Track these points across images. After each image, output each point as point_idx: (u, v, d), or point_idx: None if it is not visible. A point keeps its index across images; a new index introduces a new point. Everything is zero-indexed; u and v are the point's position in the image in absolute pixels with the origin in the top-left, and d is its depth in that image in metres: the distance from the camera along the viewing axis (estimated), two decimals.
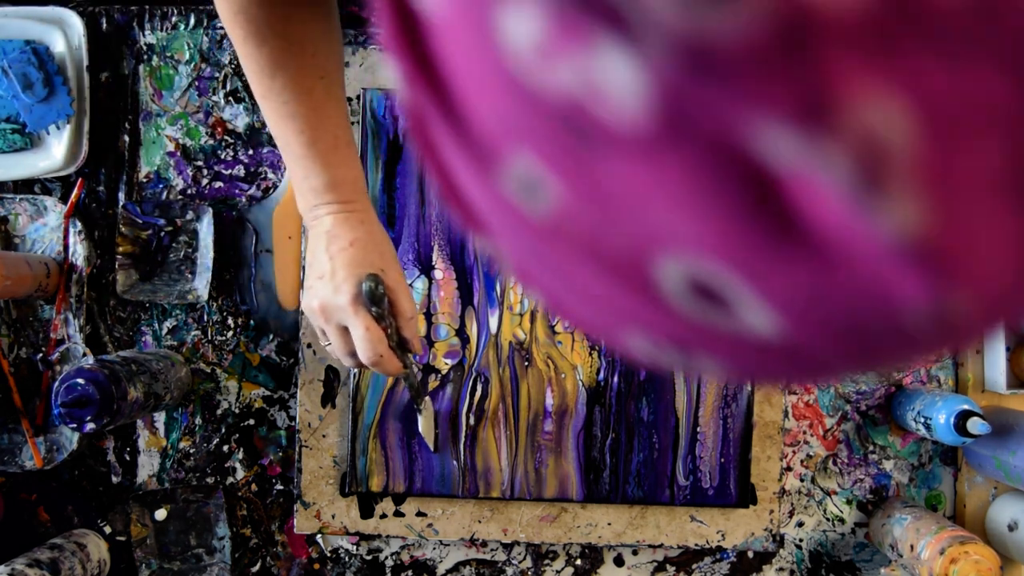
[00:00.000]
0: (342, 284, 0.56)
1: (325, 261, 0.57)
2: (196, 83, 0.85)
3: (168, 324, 0.85)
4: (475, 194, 0.17)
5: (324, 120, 0.56)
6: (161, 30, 0.85)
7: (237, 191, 0.85)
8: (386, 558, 0.84)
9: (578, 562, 0.84)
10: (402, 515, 0.82)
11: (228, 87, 0.85)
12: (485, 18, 0.13)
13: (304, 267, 0.82)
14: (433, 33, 0.15)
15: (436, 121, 0.16)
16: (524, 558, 0.84)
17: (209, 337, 0.85)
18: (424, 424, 0.79)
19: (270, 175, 0.85)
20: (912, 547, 0.74)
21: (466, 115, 0.15)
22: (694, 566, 0.84)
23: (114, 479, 0.84)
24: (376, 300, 0.55)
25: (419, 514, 0.82)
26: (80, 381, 0.68)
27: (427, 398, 0.80)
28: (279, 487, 0.85)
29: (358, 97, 0.82)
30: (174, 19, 0.85)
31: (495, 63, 0.14)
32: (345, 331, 0.58)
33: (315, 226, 0.59)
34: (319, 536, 0.84)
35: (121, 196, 0.85)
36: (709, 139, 0.12)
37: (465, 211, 0.19)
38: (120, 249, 0.82)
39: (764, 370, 0.18)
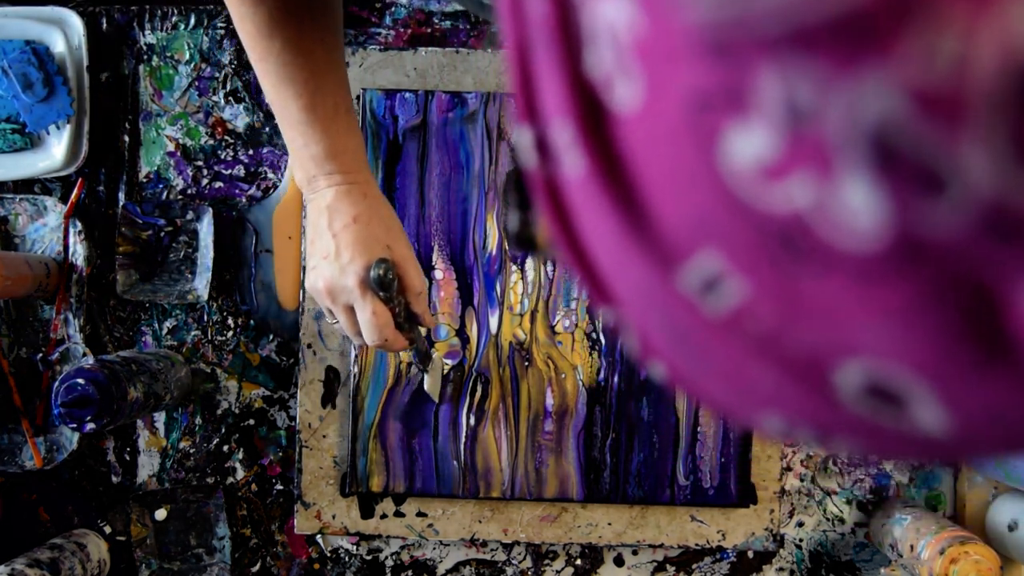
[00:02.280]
0: (348, 265, 0.54)
1: (329, 239, 0.55)
2: (196, 83, 0.85)
3: (168, 324, 0.85)
4: (627, 276, 0.17)
5: (324, 85, 0.54)
6: (161, 30, 0.85)
7: (237, 191, 0.85)
8: (386, 558, 0.84)
9: (578, 562, 0.84)
10: (402, 515, 0.82)
11: (228, 87, 0.85)
12: (706, 131, 0.13)
13: (304, 253, 0.82)
14: (625, 126, 0.15)
15: (599, 200, 0.16)
16: (524, 558, 0.84)
17: (209, 337, 0.85)
18: (430, 383, 0.77)
19: (270, 175, 0.85)
20: (912, 547, 0.74)
21: (651, 209, 0.16)
22: (694, 566, 0.84)
23: (114, 479, 0.84)
24: (385, 286, 0.53)
25: (419, 514, 0.82)
26: (80, 381, 0.68)
27: (434, 356, 0.78)
28: (279, 487, 0.85)
29: (358, 97, 0.82)
30: (174, 19, 0.85)
31: (707, 171, 0.14)
32: (352, 311, 0.56)
33: (315, 200, 0.56)
34: (319, 536, 0.84)
35: (121, 196, 0.85)
36: (943, 268, 0.12)
37: (593, 281, 0.19)
38: (120, 249, 0.82)
39: (906, 455, 0.18)
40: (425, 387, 0.77)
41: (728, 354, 0.17)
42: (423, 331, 0.75)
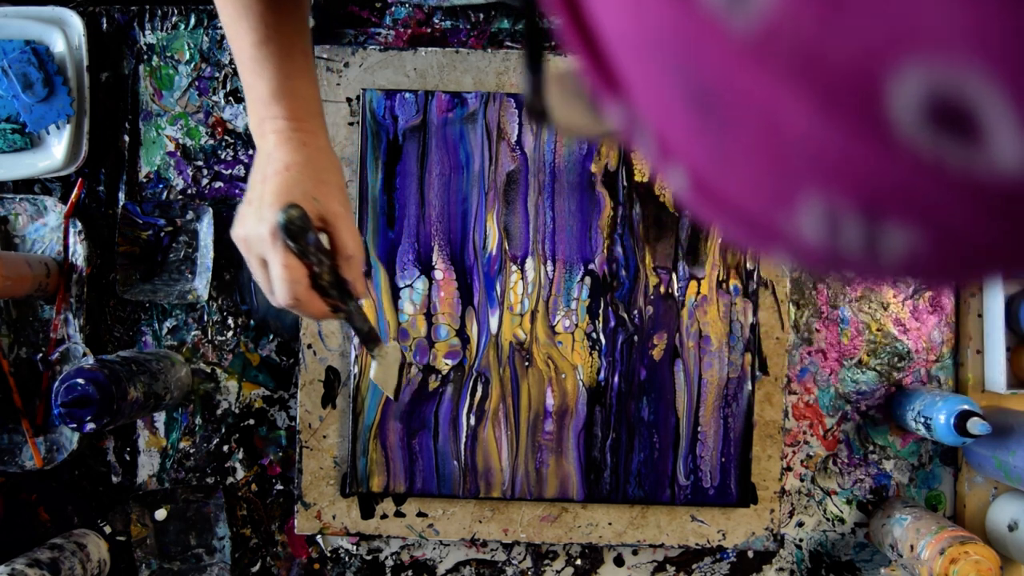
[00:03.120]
0: (265, 212, 0.49)
1: (257, 184, 0.51)
2: (196, 83, 0.85)
3: (168, 324, 0.85)
4: (642, 23, 0.15)
5: (281, 20, 0.51)
6: (161, 30, 0.85)
7: (237, 191, 0.85)
8: (386, 558, 0.84)
9: (578, 562, 0.84)
10: (402, 515, 0.82)
11: (228, 87, 0.85)
12: None
13: None
14: None
15: None
16: (524, 558, 0.84)
17: (209, 337, 0.85)
18: (377, 371, 0.63)
19: None
20: (912, 547, 0.74)
21: None
22: (694, 566, 0.84)
23: (114, 479, 0.84)
24: (293, 234, 0.48)
25: (419, 514, 0.82)
26: (80, 381, 0.68)
27: (390, 344, 0.70)
28: (279, 487, 0.84)
29: (358, 97, 0.82)
30: (174, 19, 0.85)
31: None
32: (266, 265, 0.51)
33: (261, 146, 0.53)
34: (319, 536, 0.84)
35: (121, 196, 0.85)
36: None
37: (600, 65, 0.16)
38: (120, 249, 0.82)
39: (974, 249, 0.14)
40: (371, 375, 0.63)
41: (759, 100, 0.14)
42: (363, 304, 0.66)
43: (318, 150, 0.53)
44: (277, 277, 0.49)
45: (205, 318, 0.85)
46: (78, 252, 0.83)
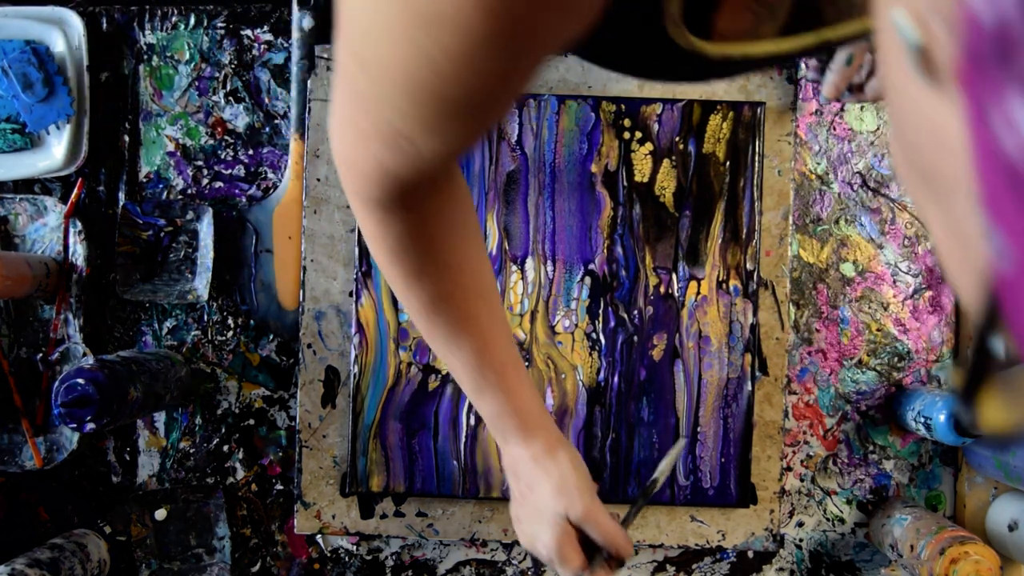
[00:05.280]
0: (533, 540, 0.59)
1: (516, 500, 0.60)
2: (196, 83, 0.85)
3: (168, 324, 0.85)
4: None
5: (490, 345, 0.54)
6: (161, 30, 0.85)
7: (237, 191, 0.85)
8: (386, 558, 0.84)
9: None
10: (402, 515, 0.82)
11: (228, 87, 0.85)
12: None
13: (304, 253, 0.82)
14: None
15: None
16: (524, 558, 0.84)
17: (209, 337, 0.85)
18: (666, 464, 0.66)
19: (270, 175, 0.85)
20: (912, 547, 0.74)
21: None
22: (694, 566, 0.84)
23: (114, 479, 0.84)
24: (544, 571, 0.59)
25: (419, 514, 0.82)
26: (80, 381, 0.68)
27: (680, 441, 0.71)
28: (279, 487, 0.85)
29: None
30: (174, 19, 0.85)
31: None
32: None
33: (503, 453, 0.60)
34: (319, 536, 0.84)
35: (121, 196, 0.85)
36: None
37: None
38: (120, 249, 0.82)
39: None
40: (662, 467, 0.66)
41: None
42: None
43: (551, 461, 0.58)
44: (562, 569, 0.58)
45: (205, 318, 0.85)
46: (78, 252, 0.83)
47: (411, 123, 0.37)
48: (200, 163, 0.85)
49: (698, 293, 0.80)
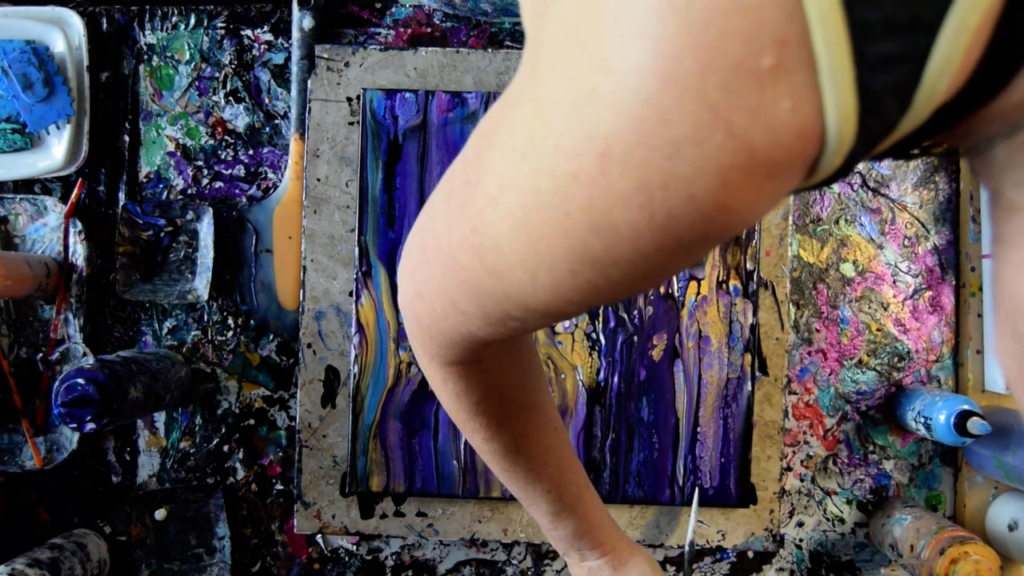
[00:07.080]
0: None
1: None
2: (196, 83, 0.85)
3: (168, 324, 0.85)
4: None
5: (566, 472, 0.55)
6: (161, 30, 0.85)
7: (237, 191, 0.85)
8: (386, 558, 0.84)
9: None
10: (402, 515, 0.82)
11: (228, 87, 0.85)
12: None
13: (304, 253, 0.82)
14: None
15: None
16: (524, 558, 0.84)
17: (209, 337, 0.85)
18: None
19: (270, 175, 0.85)
20: (912, 547, 0.74)
21: None
22: (694, 566, 0.84)
23: (114, 479, 0.84)
24: None
25: (419, 514, 0.82)
26: (80, 381, 0.68)
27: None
28: (279, 487, 0.85)
29: (358, 97, 0.82)
30: (174, 19, 0.85)
31: None
32: None
33: (573, 566, 0.62)
34: (319, 536, 0.84)
35: (121, 196, 0.85)
36: None
37: None
38: (120, 249, 0.82)
39: None
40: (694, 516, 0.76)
41: None
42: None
43: (635, 566, 0.60)
44: None
45: (205, 318, 0.85)
46: (78, 252, 0.83)
47: (533, 317, 0.35)
48: (200, 163, 0.85)
49: (698, 293, 0.80)
